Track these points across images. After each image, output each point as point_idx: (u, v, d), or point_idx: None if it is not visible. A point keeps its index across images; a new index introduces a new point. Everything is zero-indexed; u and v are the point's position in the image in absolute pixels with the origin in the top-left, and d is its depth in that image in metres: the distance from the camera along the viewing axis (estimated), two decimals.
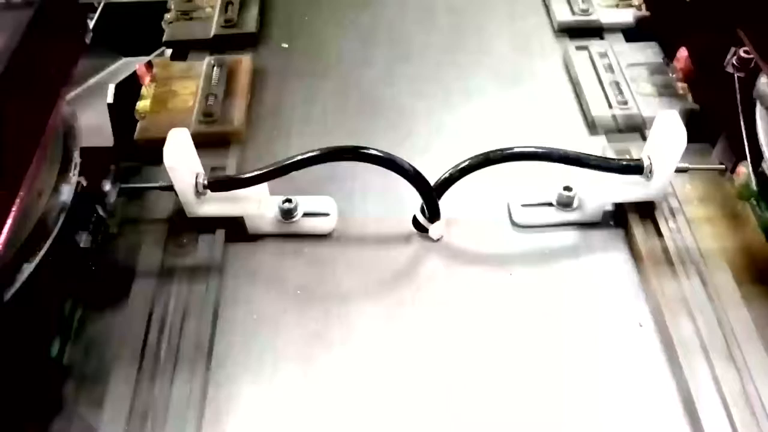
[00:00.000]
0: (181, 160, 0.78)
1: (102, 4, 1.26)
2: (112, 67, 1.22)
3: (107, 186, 0.83)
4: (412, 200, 0.85)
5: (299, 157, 0.80)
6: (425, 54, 1.12)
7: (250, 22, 1.14)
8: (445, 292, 0.82)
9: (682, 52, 1.00)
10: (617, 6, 1.14)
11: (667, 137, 0.79)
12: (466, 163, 0.81)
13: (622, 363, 0.75)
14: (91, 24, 1.23)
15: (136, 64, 1.12)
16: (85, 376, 0.75)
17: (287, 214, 0.86)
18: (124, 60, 1.24)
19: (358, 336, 0.78)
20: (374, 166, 0.81)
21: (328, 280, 0.83)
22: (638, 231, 0.84)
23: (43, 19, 0.79)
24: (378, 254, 0.85)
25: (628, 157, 0.91)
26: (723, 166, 0.89)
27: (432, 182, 0.82)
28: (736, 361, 0.72)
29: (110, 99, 0.99)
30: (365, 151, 0.80)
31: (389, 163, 0.80)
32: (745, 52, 0.96)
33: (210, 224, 0.85)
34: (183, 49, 1.11)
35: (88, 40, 0.92)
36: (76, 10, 0.93)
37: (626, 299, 0.80)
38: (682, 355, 0.73)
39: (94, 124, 0.99)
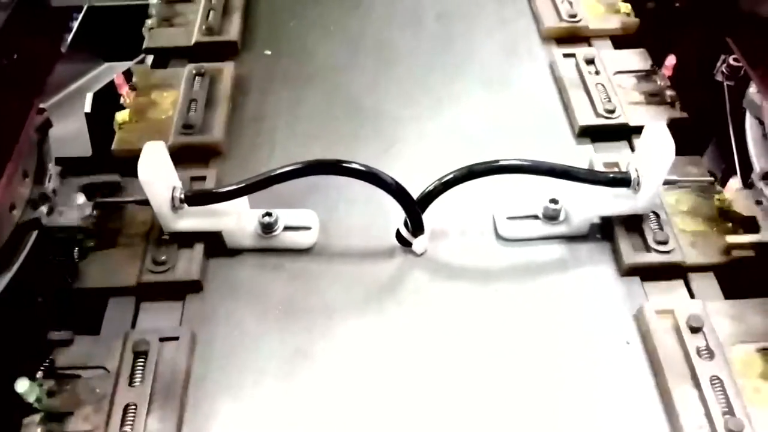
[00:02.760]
0: (157, 174, 0.76)
1: (85, 8, 1.24)
2: (93, 72, 1.20)
3: (80, 199, 0.81)
4: (396, 211, 0.83)
5: (280, 171, 0.78)
6: (412, 60, 1.10)
7: (233, 30, 1.12)
8: (429, 307, 0.80)
9: (670, 60, 0.98)
10: (605, 13, 1.12)
11: (655, 150, 0.78)
12: (450, 176, 0.79)
13: (609, 382, 0.74)
14: (74, 27, 1.21)
15: (117, 69, 1.11)
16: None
17: (267, 228, 0.84)
18: (105, 65, 1.22)
19: (340, 352, 0.77)
20: None
21: (310, 296, 0.81)
22: (625, 244, 0.82)
23: (15, 27, 0.77)
24: (361, 269, 0.84)
25: (615, 167, 0.89)
26: (712, 179, 0.87)
27: (416, 195, 0.81)
28: (723, 381, 0.70)
29: (88, 108, 0.97)
30: (347, 165, 0.78)
31: (371, 177, 0.78)
32: (735, 60, 0.95)
33: (189, 238, 0.83)
34: (164, 57, 1.09)
35: (64, 49, 0.90)
36: (52, 18, 0.91)
37: (613, 315, 0.79)
38: (669, 374, 0.71)
39: (71, 133, 0.98)
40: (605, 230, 0.85)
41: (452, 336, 0.78)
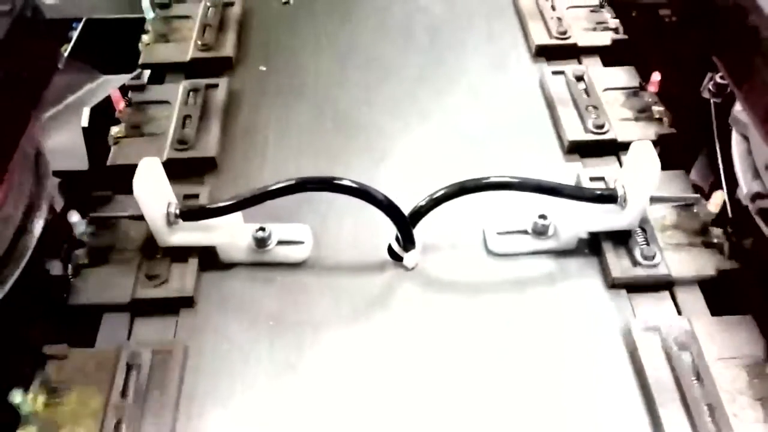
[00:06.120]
0: (152, 190, 0.77)
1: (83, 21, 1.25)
2: (90, 86, 1.20)
3: (74, 217, 0.82)
4: (387, 225, 0.84)
5: (273, 187, 0.79)
6: (402, 74, 1.12)
7: (228, 46, 1.13)
8: (419, 321, 0.81)
9: (656, 76, 1.00)
10: (594, 29, 1.14)
11: (641, 167, 0.79)
12: (441, 192, 0.81)
13: (596, 396, 0.75)
14: (73, 39, 1.22)
15: (114, 83, 1.12)
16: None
17: (261, 243, 0.85)
18: (102, 78, 1.23)
19: (329, 365, 0.77)
20: None
21: (301, 309, 0.82)
22: (612, 259, 0.84)
23: (12, 42, 0.78)
24: (352, 282, 0.85)
25: (601, 182, 0.91)
26: (697, 195, 0.89)
27: (406, 208, 0.82)
28: (710, 399, 0.71)
29: (85, 122, 0.98)
30: (339, 182, 0.79)
31: (363, 194, 0.79)
32: (721, 78, 0.96)
33: (183, 252, 0.84)
34: (160, 72, 1.10)
35: (62, 62, 0.91)
36: (50, 30, 0.92)
37: (601, 330, 0.80)
38: (656, 392, 0.72)
39: (68, 147, 0.99)
40: (593, 245, 0.87)
41: (442, 349, 0.79)
